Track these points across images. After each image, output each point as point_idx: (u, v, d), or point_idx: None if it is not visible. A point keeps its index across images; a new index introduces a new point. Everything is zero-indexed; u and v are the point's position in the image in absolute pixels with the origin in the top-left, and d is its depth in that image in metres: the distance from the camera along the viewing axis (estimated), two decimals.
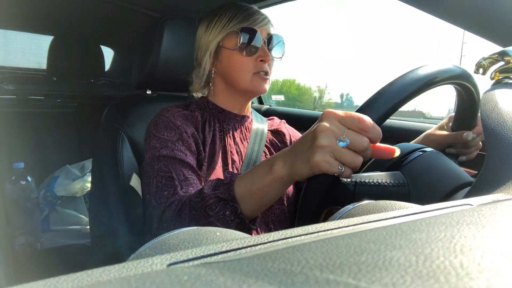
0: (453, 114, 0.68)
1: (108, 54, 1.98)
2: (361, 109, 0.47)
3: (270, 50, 0.80)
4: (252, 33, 0.77)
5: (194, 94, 0.87)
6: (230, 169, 0.79)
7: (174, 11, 1.35)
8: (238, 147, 0.83)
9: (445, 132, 0.70)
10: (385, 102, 0.46)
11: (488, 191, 0.34)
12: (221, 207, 0.58)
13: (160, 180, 0.68)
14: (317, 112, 1.47)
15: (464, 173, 0.55)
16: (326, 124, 0.46)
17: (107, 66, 1.99)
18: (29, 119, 1.71)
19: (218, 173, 0.76)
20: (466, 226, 0.20)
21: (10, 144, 1.60)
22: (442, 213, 0.24)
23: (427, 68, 0.48)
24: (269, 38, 0.80)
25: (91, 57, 1.81)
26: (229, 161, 0.79)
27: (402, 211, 0.25)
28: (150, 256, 0.18)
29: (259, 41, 0.77)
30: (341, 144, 0.44)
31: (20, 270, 1.25)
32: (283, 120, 0.98)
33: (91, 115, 1.62)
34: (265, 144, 0.87)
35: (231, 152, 0.81)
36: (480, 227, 0.19)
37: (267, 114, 1.39)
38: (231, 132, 0.83)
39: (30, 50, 1.93)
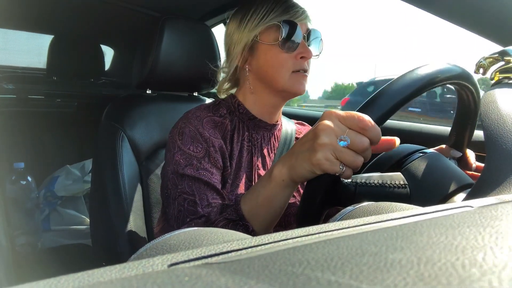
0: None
1: (108, 53, 1.98)
2: (362, 109, 0.47)
3: (308, 46, 0.73)
4: (293, 27, 0.70)
5: (219, 95, 0.82)
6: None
7: (174, 11, 1.35)
8: (265, 160, 0.78)
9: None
10: (385, 102, 0.46)
11: (489, 193, 0.34)
12: (232, 229, 0.56)
13: (182, 203, 0.66)
14: (318, 113, 1.47)
15: (465, 174, 0.55)
16: (327, 123, 0.46)
17: (107, 66, 1.99)
18: (29, 118, 1.71)
19: (241, 190, 0.73)
20: (467, 227, 0.20)
21: (10, 144, 1.60)
22: (443, 215, 0.24)
23: (427, 68, 0.48)
24: (308, 34, 0.74)
25: (91, 56, 1.81)
26: (254, 176, 0.75)
27: (402, 213, 0.25)
28: (151, 257, 0.18)
29: (299, 36, 0.71)
30: (342, 143, 0.44)
31: (20, 270, 1.25)
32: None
33: (91, 114, 1.62)
34: None
35: (257, 166, 0.76)
36: (481, 229, 0.19)
37: None
38: (259, 144, 0.78)
39: (30, 49, 1.93)
